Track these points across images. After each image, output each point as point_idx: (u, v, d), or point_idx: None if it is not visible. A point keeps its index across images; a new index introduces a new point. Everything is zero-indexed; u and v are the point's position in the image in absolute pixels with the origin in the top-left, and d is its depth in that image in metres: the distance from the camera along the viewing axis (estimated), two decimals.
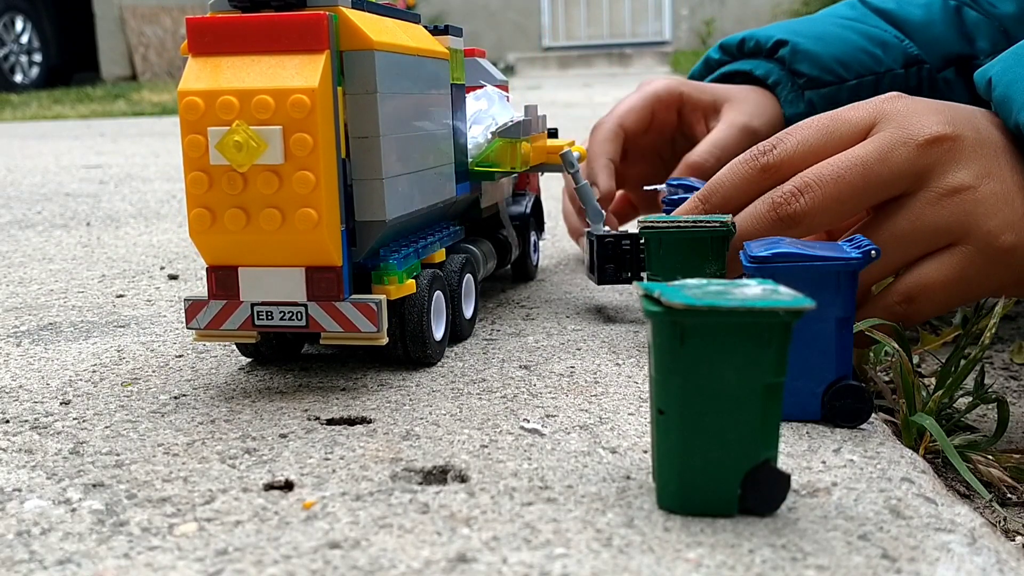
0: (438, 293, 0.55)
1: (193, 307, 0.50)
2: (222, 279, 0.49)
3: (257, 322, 0.49)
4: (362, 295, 0.49)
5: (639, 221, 0.56)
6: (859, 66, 0.78)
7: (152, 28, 6.41)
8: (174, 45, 6.48)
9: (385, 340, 0.49)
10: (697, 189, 0.65)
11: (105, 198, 1.37)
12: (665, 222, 0.55)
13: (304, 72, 0.46)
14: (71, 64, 6.18)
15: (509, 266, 0.74)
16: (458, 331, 0.59)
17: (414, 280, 0.53)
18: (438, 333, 0.55)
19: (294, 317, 0.49)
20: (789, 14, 6.81)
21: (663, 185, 0.70)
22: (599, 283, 0.63)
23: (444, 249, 0.58)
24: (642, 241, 0.61)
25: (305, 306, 0.48)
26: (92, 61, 6.33)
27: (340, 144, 0.48)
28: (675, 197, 0.64)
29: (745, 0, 7.14)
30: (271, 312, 0.49)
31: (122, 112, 3.89)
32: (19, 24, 5.74)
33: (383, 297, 0.49)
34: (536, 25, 7.10)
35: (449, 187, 0.58)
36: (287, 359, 0.57)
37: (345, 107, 0.48)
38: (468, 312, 0.60)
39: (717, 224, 0.54)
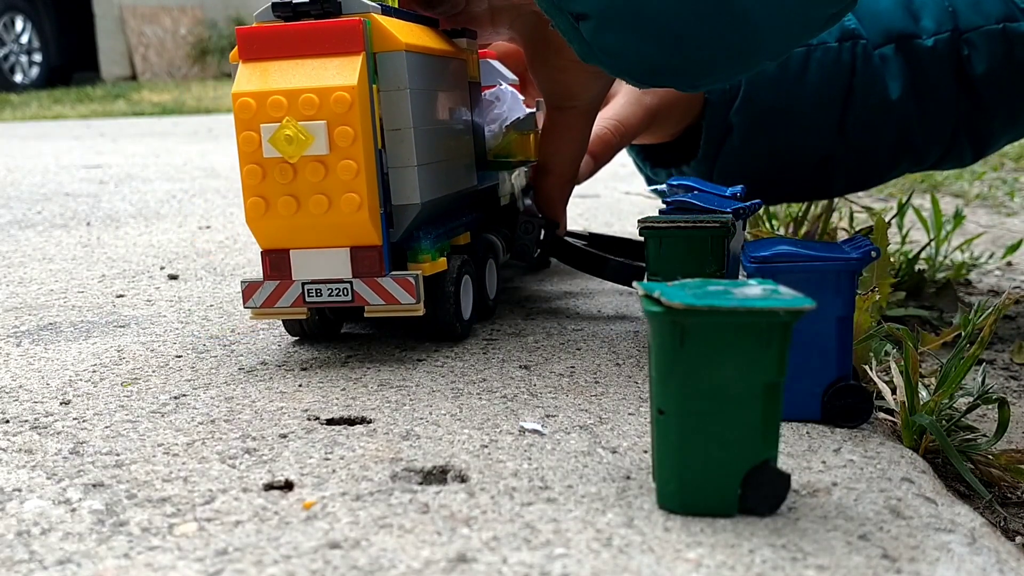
0: (465, 271, 0.59)
1: (250, 288, 0.54)
2: (275, 261, 0.54)
3: (308, 299, 0.54)
4: (401, 271, 0.54)
5: (639, 221, 0.56)
6: None
7: (152, 28, 6.41)
8: (174, 45, 6.47)
9: (423, 310, 0.54)
10: (697, 190, 0.65)
11: (105, 198, 1.37)
12: (665, 222, 0.55)
13: (344, 72, 0.50)
14: (71, 64, 6.18)
15: None
16: (483, 309, 0.63)
17: (445, 259, 0.57)
18: (466, 310, 0.59)
19: (341, 293, 0.53)
20: None
21: (663, 185, 0.70)
22: (512, 257, 0.69)
23: (469, 232, 0.63)
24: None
25: (351, 282, 0.53)
26: (92, 61, 6.33)
27: (377, 136, 0.52)
28: (675, 197, 0.63)
29: None
30: (320, 289, 0.53)
31: (122, 112, 3.89)
32: (19, 24, 5.74)
33: (420, 272, 0.54)
34: None
35: (471, 176, 0.63)
36: (329, 337, 0.61)
37: (379, 103, 0.53)
38: (492, 292, 0.65)
39: (717, 224, 0.54)
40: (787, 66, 0.76)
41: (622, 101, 0.76)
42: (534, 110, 0.68)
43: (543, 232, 0.70)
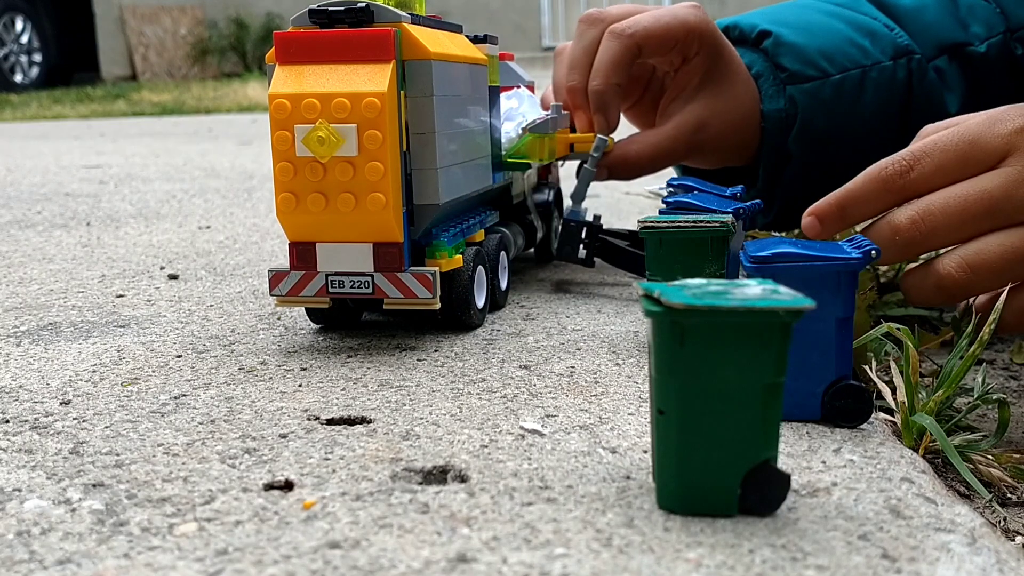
0: (480, 267, 0.62)
1: (276, 277, 0.57)
2: (302, 253, 0.57)
3: (331, 289, 0.57)
4: (419, 267, 0.57)
5: (639, 221, 0.56)
6: (845, 59, 0.75)
7: (152, 28, 6.41)
8: (174, 45, 6.47)
9: (438, 305, 0.57)
10: (697, 190, 0.65)
11: (105, 198, 1.37)
12: (665, 222, 0.55)
13: (375, 79, 0.53)
14: (71, 64, 6.18)
15: (533, 248, 0.80)
16: (496, 300, 0.66)
17: (460, 256, 0.60)
18: (480, 301, 0.62)
19: (362, 285, 0.56)
20: None
21: (663, 185, 0.70)
22: (556, 258, 0.75)
23: (483, 230, 0.66)
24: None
25: (372, 276, 0.56)
26: (92, 61, 6.33)
27: (402, 139, 0.55)
28: (675, 198, 0.63)
29: (745, 0, 7.13)
30: (343, 281, 0.56)
31: (122, 112, 3.89)
32: (19, 24, 5.74)
33: (437, 268, 0.57)
34: (536, 25, 7.10)
35: (488, 176, 0.66)
36: (350, 326, 0.64)
37: (406, 108, 0.56)
38: (503, 284, 0.68)
39: (717, 224, 0.54)
40: (843, 88, 0.75)
41: (663, 130, 0.76)
42: (550, 114, 0.70)
43: (584, 233, 0.74)
